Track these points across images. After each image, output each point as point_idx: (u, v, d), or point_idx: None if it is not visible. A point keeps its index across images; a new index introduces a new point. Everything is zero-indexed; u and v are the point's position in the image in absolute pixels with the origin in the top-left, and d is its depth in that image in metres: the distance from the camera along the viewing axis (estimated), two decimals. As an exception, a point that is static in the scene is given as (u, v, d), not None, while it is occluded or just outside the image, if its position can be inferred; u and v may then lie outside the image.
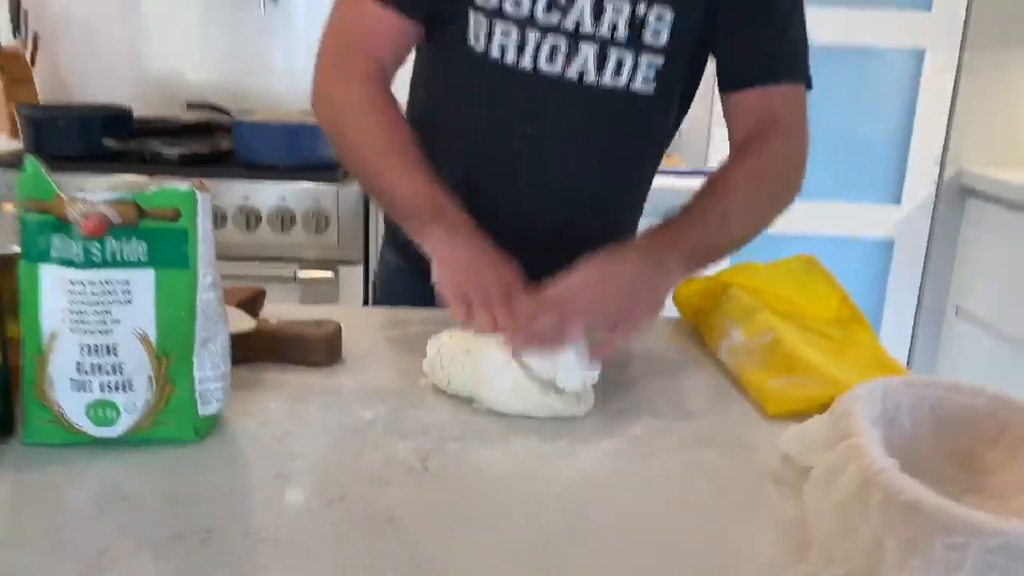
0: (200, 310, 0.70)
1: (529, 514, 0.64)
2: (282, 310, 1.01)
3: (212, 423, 0.74)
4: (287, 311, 1.00)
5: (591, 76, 1.04)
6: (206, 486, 0.66)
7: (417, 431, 0.76)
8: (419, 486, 0.67)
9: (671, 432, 0.79)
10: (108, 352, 0.68)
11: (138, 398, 0.70)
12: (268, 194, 2.05)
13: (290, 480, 0.68)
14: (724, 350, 0.96)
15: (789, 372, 0.87)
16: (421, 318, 1.05)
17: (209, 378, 0.72)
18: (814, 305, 1.04)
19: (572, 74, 1.04)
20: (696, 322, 1.06)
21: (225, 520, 0.62)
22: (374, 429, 0.77)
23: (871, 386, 0.67)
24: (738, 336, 0.96)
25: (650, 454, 0.75)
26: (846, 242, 2.93)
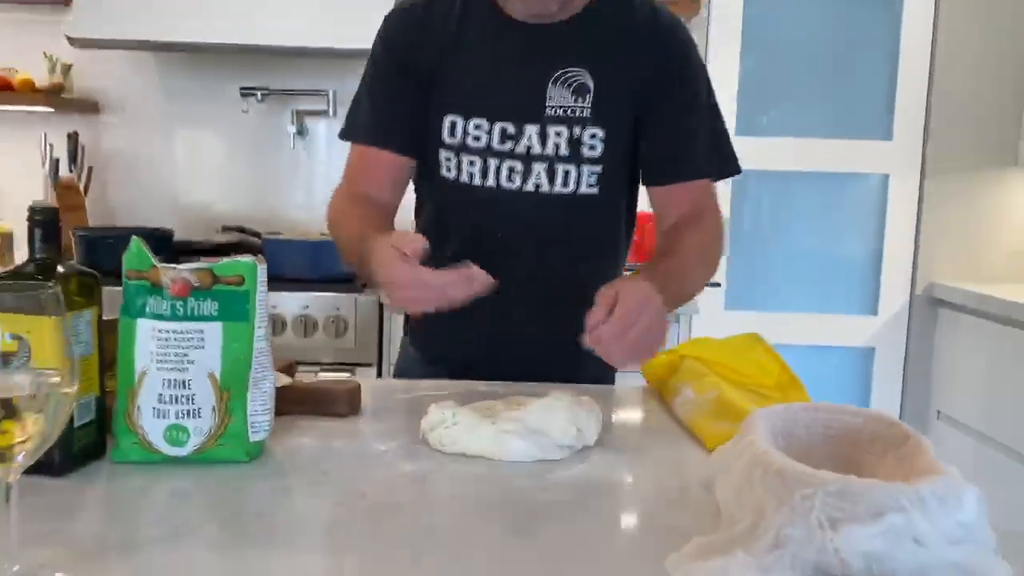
0: (254, 356, 0.91)
1: (510, 509, 0.83)
2: (310, 376, 1.22)
3: (260, 448, 0.93)
4: (314, 377, 1.20)
5: (544, 187, 1.28)
6: (254, 492, 0.85)
7: (422, 457, 0.95)
8: (423, 488, 0.86)
9: (631, 458, 0.98)
10: (183, 386, 0.89)
11: (204, 424, 0.90)
12: (293, 303, 2.28)
13: (320, 486, 0.87)
14: (678, 405, 1.15)
15: (728, 418, 1.06)
16: (426, 386, 1.25)
17: (258, 411, 0.92)
18: (757, 372, 1.23)
19: (529, 187, 1.28)
20: (659, 388, 1.26)
21: (270, 509, 0.80)
22: (387, 456, 0.96)
23: (774, 408, 0.86)
24: (689, 393, 1.15)
25: (613, 469, 0.93)
26: (829, 351, 3.12)
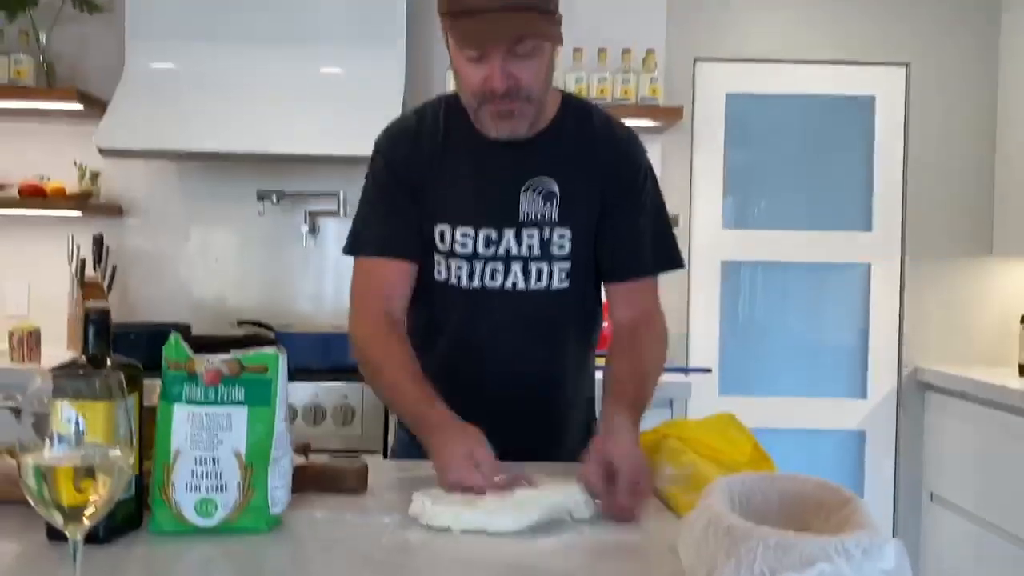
0: (275, 436, 1.03)
1: (502, 569, 0.94)
2: (322, 456, 1.33)
3: (278, 519, 1.05)
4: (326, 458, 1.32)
5: (521, 285, 1.43)
6: (275, 558, 0.97)
7: (422, 528, 1.07)
8: (424, 553, 0.97)
9: (614, 527, 1.09)
10: (213, 463, 1.01)
11: (230, 498, 1.01)
12: (304, 392, 2.41)
13: (333, 552, 0.98)
14: (657, 480, 1.27)
15: (700, 490, 1.17)
16: (427, 466, 1.37)
17: (278, 486, 1.04)
18: (731, 449, 1.35)
19: (508, 286, 1.43)
20: (641, 465, 1.37)
21: (290, 572, 0.92)
22: (391, 526, 1.07)
23: (734, 477, 0.98)
24: (668, 470, 1.27)
25: (594, 536, 1.04)
26: (822, 434, 3.22)
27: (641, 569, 0.96)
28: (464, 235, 1.42)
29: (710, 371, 3.02)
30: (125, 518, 1.00)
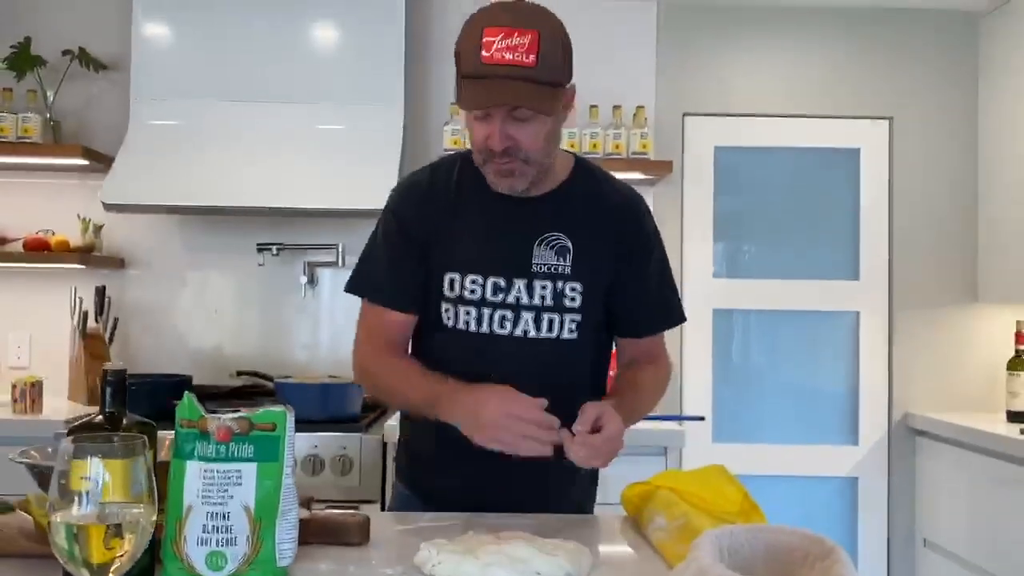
0: (283, 491, 1.08)
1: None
2: (323, 509, 1.37)
3: (285, 572, 1.09)
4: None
5: (532, 333, 1.49)
6: (283, 606, 1.00)
7: (424, 579, 1.10)
8: (425, 604, 1.01)
9: (614, 571, 1.13)
10: (224, 518, 1.05)
11: (240, 551, 1.05)
12: (302, 443, 2.44)
13: (338, 604, 1.02)
14: (651, 531, 1.31)
15: (692, 541, 1.21)
16: (427, 518, 1.41)
17: (285, 540, 1.08)
18: (722, 500, 1.39)
19: (519, 333, 1.49)
20: (636, 515, 1.41)
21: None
22: (394, 578, 1.11)
23: (722, 529, 1.03)
24: (661, 521, 1.31)
25: (585, 589, 1.08)
26: (815, 481, 3.25)
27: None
28: (473, 282, 1.48)
29: (703, 419, 3.06)
30: (139, 573, 1.03)
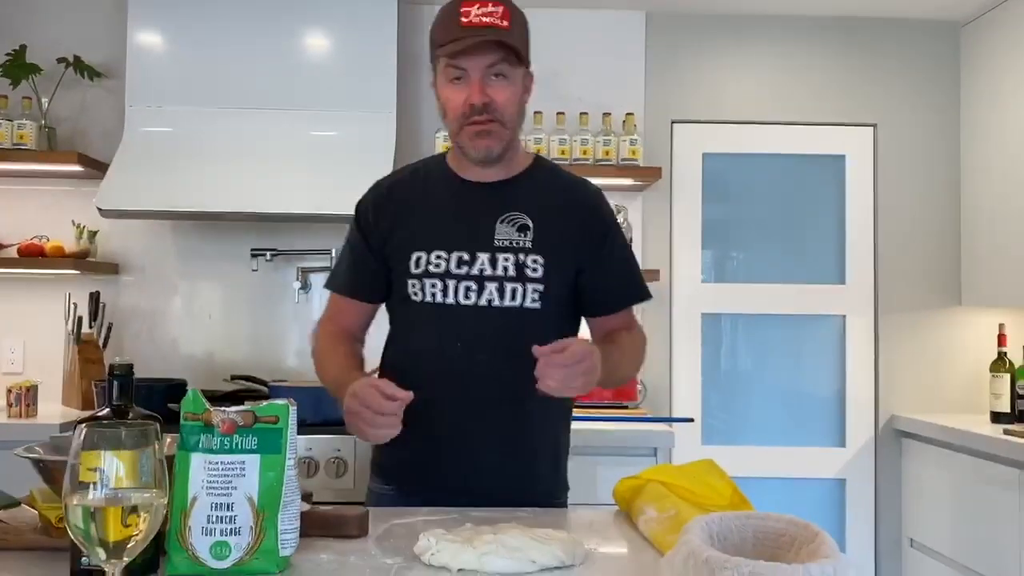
0: (285, 482, 1.11)
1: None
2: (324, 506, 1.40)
3: (287, 561, 1.11)
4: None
5: (496, 302, 1.56)
6: (287, 593, 1.03)
7: (423, 570, 1.13)
8: (424, 590, 1.04)
9: (601, 567, 1.16)
10: (227, 508, 1.08)
11: (243, 540, 1.08)
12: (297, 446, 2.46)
13: (340, 591, 1.05)
14: (642, 523, 1.34)
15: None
16: (424, 512, 1.43)
17: (287, 530, 1.11)
18: (711, 493, 1.42)
19: (483, 302, 1.56)
20: (627, 508, 1.44)
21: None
22: (394, 568, 1.14)
23: (711, 516, 1.06)
24: (652, 512, 1.34)
25: (589, 571, 1.12)
26: (803, 483, 3.29)
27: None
28: (438, 257, 1.58)
29: (692, 421, 3.10)
30: (144, 563, 1.06)
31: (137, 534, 0.77)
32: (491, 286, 1.56)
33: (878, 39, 3.34)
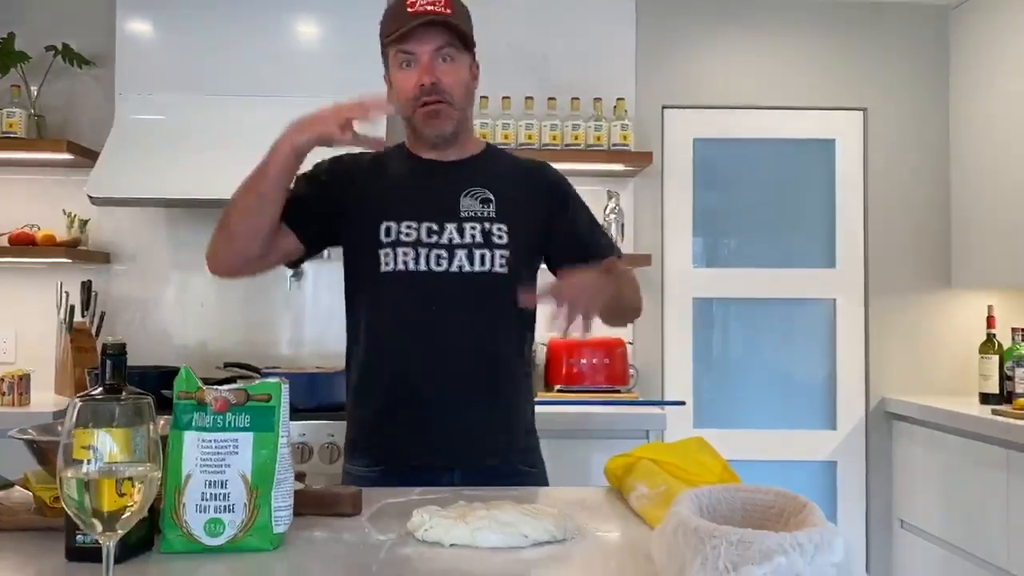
0: (278, 460, 1.11)
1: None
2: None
3: (281, 538, 1.12)
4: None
5: (466, 268, 1.63)
6: (279, 573, 1.04)
7: (416, 544, 1.14)
8: (419, 564, 1.05)
9: (592, 541, 1.17)
10: (221, 486, 1.09)
11: (237, 517, 1.09)
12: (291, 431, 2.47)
13: (334, 566, 1.06)
14: (633, 499, 1.35)
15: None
16: (416, 492, 1.45)
17: (281, 507, 1.12)
18: (702, 470, 1.44)
19: (454, 268, 1.63)
20: (618, 485, 1.46)
21: (296, 580, 0.99)
22: (387, 543, 1.15)
23: (701, 489, 1.07)
24: (643, 489, 1.36)
25: (575, 548, 1.13)
26: (794, 465, 3.31)
27: (619, 574, 1.04)
28: (408, 227, 1.64)
29: (684, 404, 3.11)
30: (138, 540, 1.07)
31: (132, 505, 0.78)
32: (461, 253, 1.63)
33: (868, 23, 3.35)
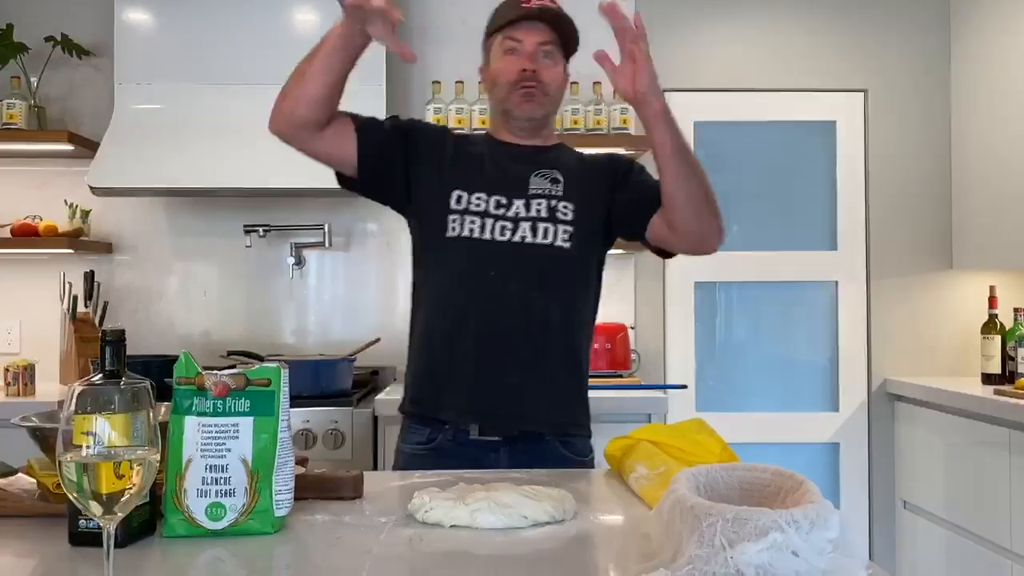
0: (279, 444, 1.12)
1: (490, 558, 1.03)
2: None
3: (282, 522, 1.13)
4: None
5: (529, 239, 1.69)
6: (282, 554, 1.05)
7: (416, 526, 1.15)
8: (419, 546, 1.06)
9: (592, 521, 1.18)
10: (222, 470, 1.10)
11: (238, 502, 1.10)
12: (295, 418, 2.48)
13: (335, 547, 1.07)
14: (632, 480, 1.36)
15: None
16: (417, 475, 1.45)
17: (282, 491, 1.13)
18: (701, 451, 1.44)
19: (517, 239, 1.68)
20: (618, 467, 1.46)
21: (296, 564, 1.00)
22: (387, 525, 1.16)
23: (698, 468, 1.08)
24: (642, 470, 1.36)
25: (574, 528, 1.14)
26: (797, 448, 3.32)
27: (618, 552, 1.05)
28: (478, 198, 1.71)
29: (686, 387, 3.12)
30: (140, 525, 1.08)
31: (131, 487, 0.79)
32: (525, 225, 1.69)
33: (868, 4, 3.33)
